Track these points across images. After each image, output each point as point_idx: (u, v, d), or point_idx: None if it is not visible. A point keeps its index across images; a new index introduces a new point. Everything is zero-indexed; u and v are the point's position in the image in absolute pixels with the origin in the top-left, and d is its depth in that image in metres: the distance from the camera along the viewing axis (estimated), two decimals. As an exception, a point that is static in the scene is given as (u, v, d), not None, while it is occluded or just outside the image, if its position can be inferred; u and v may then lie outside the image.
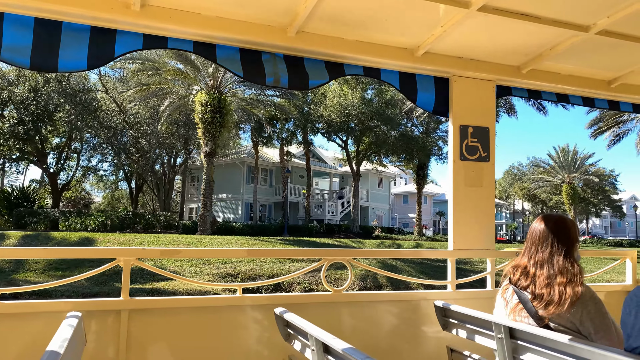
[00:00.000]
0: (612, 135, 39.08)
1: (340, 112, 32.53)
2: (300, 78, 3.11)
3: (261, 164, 38.51)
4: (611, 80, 3.84)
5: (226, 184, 38.93)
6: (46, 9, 2.50)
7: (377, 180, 48.12)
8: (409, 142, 34.56)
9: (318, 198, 42.27)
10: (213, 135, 25.00)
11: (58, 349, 1.54)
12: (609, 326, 2.07)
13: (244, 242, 21.36)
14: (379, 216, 46.99)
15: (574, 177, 47.60)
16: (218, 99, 24.94)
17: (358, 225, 35.58)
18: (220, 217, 37.91)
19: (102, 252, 3.14)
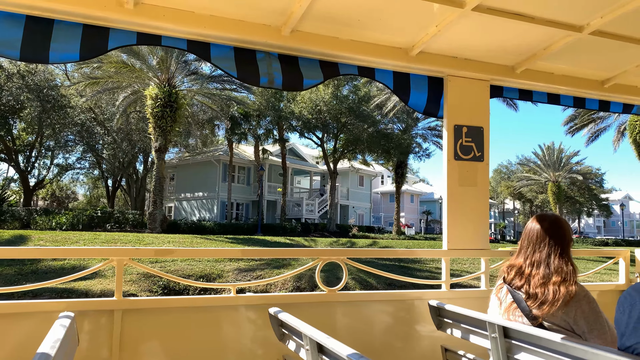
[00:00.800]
0: (590, 132, 38.95)
1: (312, 108, 32.11)
2: (295, 78, 3.09)
3: (238, 162, 38.37)
4: (604, 80, 3.86)
5: (202, 183, 38.58)
6: (38, 6, 2.48)
7: (358, 178, 47.74)
8: (385, 140, 34.29)
9: (297, 196, 41.90)
10: (163, 130, 24.25)
11: (49, 350, 1.52)
12: (602, 325, 2.08)
13: (187, 240, 20.17)
14: (359, 215, 46.61)
15: (558, 176, 47.28)
16: (169, 93, 24.21)
17: (335, 224, 35.19)
18: (196, 216, 37.57)
19: (96, 252, 3.12)
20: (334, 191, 35.55)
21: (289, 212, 38.84)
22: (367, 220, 47.11)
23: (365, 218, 47.30)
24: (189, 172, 40.25)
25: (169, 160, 41.71)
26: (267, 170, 39.47)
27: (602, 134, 39.21)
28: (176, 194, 41.04)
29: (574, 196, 52.97)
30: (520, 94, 3.83)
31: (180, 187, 40.76)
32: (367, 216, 47.74)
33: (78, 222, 25.50)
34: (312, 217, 39.04)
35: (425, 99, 3.56)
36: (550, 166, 48.29)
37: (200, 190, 38.63)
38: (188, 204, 39.91)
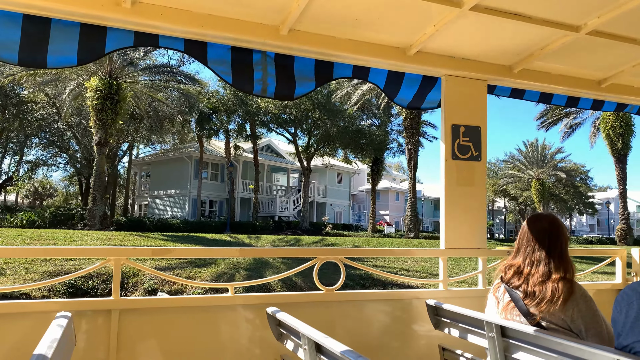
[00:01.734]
0: (566, 127, 38.80)
1: (279, 102, 31.02)
2: (287, 86, 3.12)
3: (211, 158, 37.67)
4: (601, 80, 3.87)
5: (174, 180, 37.80)
6: (35, 5, 2.47)
7: (337, 175, 46.46)
8: (358, 136, 33.50)
9: (274, 194, 40.99)
10: (104, 124, 23.26)
11: (46, 350, 1.52)
12: (599, 324, 2.09)
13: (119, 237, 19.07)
14: (337, 213, 45.40)
15: (541, 173, 46.49)
16: (109, 85, 23.24)
17: (308, 222, 34.25)
18: (169, 214, 37.14)
19: (93, 252, 3.11)
20: (307, 188, 34.80)
21: (264, 210, 38.05)
22: (345, 218, 46.09)
23: (344, 216, 46.22)
24: (162, 169, 39.59)
25: (142, 157, 41.27)
26: (242, 167, 38.82)
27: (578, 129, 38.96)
28: (150, 191, 40.33)
29: (559, 194, 52.01)
30: (511, 92, 3.84)
31: (154, 184, 40.08)
32: (346, 214, 46.70)
33: (42, 219, 24.88)
34: (287, 214, 38.12)
35: (412, 95, 3.60)
36: (533, 163, 47.54)
37: (173, 187, 37.98)
38: (161, 201, 39.22)
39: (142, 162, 41.95)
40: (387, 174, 62.29)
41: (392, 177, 63.60)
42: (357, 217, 53.61)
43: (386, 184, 58.02)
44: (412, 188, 29.91)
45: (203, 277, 11.55)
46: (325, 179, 44.57)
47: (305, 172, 35.02)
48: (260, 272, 12.35)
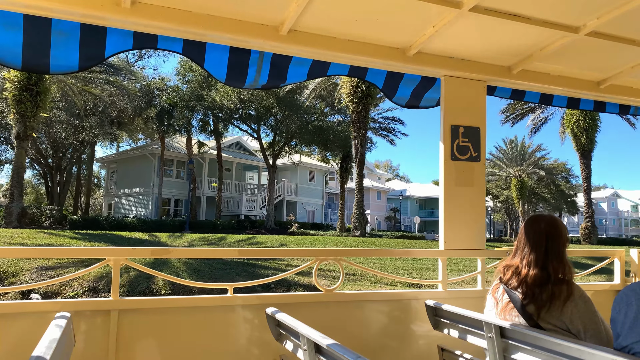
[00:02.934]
0: (533, 122, 38.19)
1: (235, 97, 29.81)
2: (277, 81, 3.17)
3: (177, 156, 36.93)
4: (600, 81, 3.88)
5: (139, 178, 36.68)
6: (35, 5, 2.47)
7: (309, 173, 44.49)
8: (321, 132, 32.33)
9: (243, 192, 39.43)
10: (23, 116, 22.21)
11: (45, 350, 1.52)
12: (598, 325, 2.09)
13: (23, 235, 18.33)
14: (309, 211, 43.86)
15: (520, 171, 45.39)
16: (28, 76, 22.11)
17: (274, 221, 33.02)
18: (134, 213, 36.17)
19: (92, 252, 3.11)
20: (272, 187, 33.71)
21: (231, 209, 36.94)
22: (318, 217, 44.34)
23: (316, 215, 44.47)
24: (127, 168, 38.66)
25: (108, 155, 40.43)
26: (209, 165, 37.74)
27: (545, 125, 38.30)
28: (116, 190, 39.53)
29: (540, 192, 50.96)
30: (512, 93, 3.85)
31: (120, 182, 39.17)
32: (318, 213, 44.90)
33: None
34: (254, 213, 37.00)
35: (410, 93, 3.61)
36: (513, 161, 46.47)
37: (138, 186, 36.90)
38: (126, 200, 38.38)
39: (110, 160, 41.08)
40: (370, 172, 61.01)
41: (376, 176, 62.81)
42: (336, 216, 51.99)
43: (366, 183, 56.71)
44: (359, 184, 28.56)
45: (87, 277, 11.09)
46: (296, 177, 43.11)
47: (271, 169, 33.88)
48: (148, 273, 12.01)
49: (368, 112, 28.54)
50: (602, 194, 79.18)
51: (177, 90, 31.11)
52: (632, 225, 77.36)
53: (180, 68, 32.66)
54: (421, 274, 14.29)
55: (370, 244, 21.84)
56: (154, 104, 30.78)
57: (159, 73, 28.71)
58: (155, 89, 30.93)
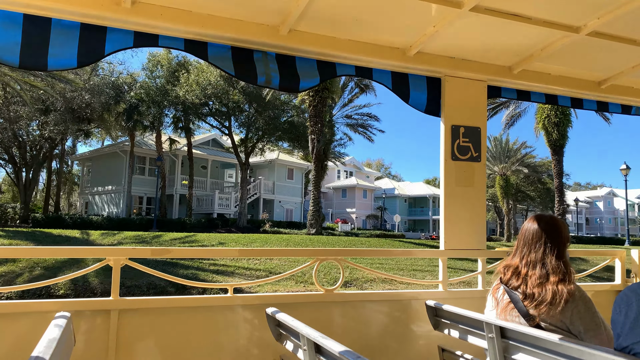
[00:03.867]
0: (507, 117, 37.55)
1: (200, 92, 28.93)
2: (291, 79, 3.09)
3: (149, 153, 36.07)
4: (601, 81, 3.87)
5: (111, 176, 36.09)
6: (35, 4, 2.47)
7: (287, 171, 43.23)
8: (295, 128, 31.23)
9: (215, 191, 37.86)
10: None
11: (45, 350, 1.52)
12: (598, 325, 2.09)
13: None
14: (287, 210, 42.83)
15: (504, 168, 44.15)
16: None
17: (246, 219, 32.09)
18: (106, 211, 35.53)
19: (93, 252, 3.11)
20: (244, 184, 32.75)
21: (204, 207, 36.09)
22: (297, 216, 43.05)
23: (295, 213, 43.27)
24: (100, 165, 38.23)
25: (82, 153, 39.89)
26: (183, 163, 36.78)
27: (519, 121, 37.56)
28: (90, 188, 38.93)
29: (525, 190, 49.74)
30: (518, 94, 3.84)
31: (94, 180, 38.63)
32: (297, 211, 43.68)
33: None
34: (228, 211, 35.95)
35: (425, 98, 3.56)
36: (497, 158, 45.26)
37: (110, 183, 36.26)
38: (100, 198, 37.70)
39: (84, 158, 40.66)
40: (358, 170, 60.77)
41: (364, 174, 62.31)
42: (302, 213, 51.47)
43: (352, 181, 56.76)
44: (315, 181, 27.42)
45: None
46: (274, 174, 42.05)
47: (244, 166, 32.97)
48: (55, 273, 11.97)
49: (325, 106, 27.35)
50: (598, 192, 78.66)
51: (145, 85, 30.33)
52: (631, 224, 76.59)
53: (148, 63, 32.01)
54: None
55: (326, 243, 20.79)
56: (123, 99, 30.14)
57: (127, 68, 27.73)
58: (123, 84, 30.19)
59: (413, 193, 62.91)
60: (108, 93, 29.43)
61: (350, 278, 13.43)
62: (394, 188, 62.74)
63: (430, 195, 60.04)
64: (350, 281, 13.27)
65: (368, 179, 62.45)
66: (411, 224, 62.41)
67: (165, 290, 11.46)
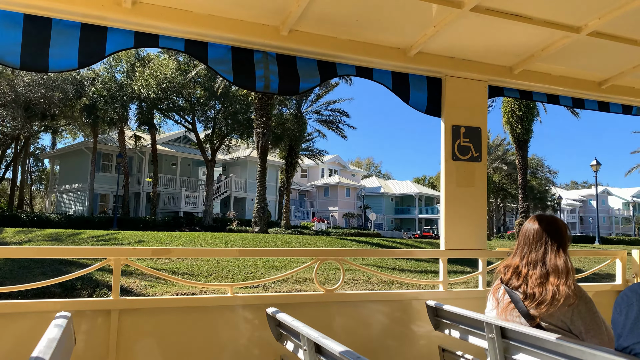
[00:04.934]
0: None
1: (157, 87, 27.92)
2: (291, 81, 3.08)
3: (116, 150, 35.00)
4: (602, 81, 3.87)
5: (76, 173, 35.83)
6: (36, 5, 2.47)
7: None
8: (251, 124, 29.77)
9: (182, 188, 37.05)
10: None
11: (45, 350, 1.52)
12: (599, 325, 2.09)
13: None
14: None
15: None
16: None
17: (212, 218, 31.15)
18: (72, 209, 35.37)
19: (93, 252, 3.11)
20: (210, 182, 31.78)
21: (172, 205, 35.38)
22: (271, 214, 40.82)
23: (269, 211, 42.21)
24: (68, 163, 38.01)
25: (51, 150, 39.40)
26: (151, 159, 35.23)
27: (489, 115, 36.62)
28: (58, 186, 38.65)
29: (507, 188, 48.91)
30: (520, 94, 3.84)
31: (62, 178, 38.36)
32: (271, 209, 41.68)
33: None
34: (196, 210, 35.18)
35: (426, 99, 3.55)
36: None
37: (77, 181, 35.89)
38: (67, 196, 37.43)
39: (53, 155, 40.30)
40: (343, 169, 60.02)
41: (350, 173, 61.73)
42: (300, 213, 50.23)
43: (334, 179, 56.08)
44: (261, 177, 26.31)
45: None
46: (246, 172, 41.05)
47: (209, 163, 31.95)
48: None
49: (271, 98, 26.14)
50: (592, 191, 76.72)
51: (104, 80, 29.53)
52: (624, 223, 75.66)
53: (109, 57, 31.43)
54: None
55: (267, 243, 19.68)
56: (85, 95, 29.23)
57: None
58: (84, 79, 29.27)
59: (399, 192, 61.93)
60: (65, 88, 28.40)
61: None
62: (380, 187, 61.81)
63: (417, 194, 59.09)
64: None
65: (354, 178, 61.69)
66: (398, 222, 61.45)
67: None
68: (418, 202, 59.61)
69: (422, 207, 59.68)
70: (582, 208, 76.21)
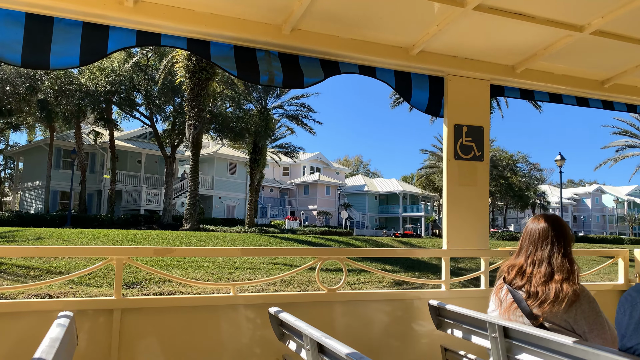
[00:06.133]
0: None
1: (104, 79, 26.94)
2: (295, 76, 3.08)
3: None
4: (604, 80, 3.86)
5: (37, 170, 34.92)
6: (38, 3, 2.47)
7: (229, 166, 41.19)
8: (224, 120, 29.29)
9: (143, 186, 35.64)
10: None
11: (48, 350, 1.52)
12: (602, 325, 2.08)
13: None
14: (229, 206, 40.77)
15: None
16: None
17: (171, 216, 29.81)
18: (33, 208, 34.79)
19: (95, 251, 3.11)
20: (170, 178, 30.52)
21: (133, 203, 34.38)
22: (240, 212, 40.70)
23: (238, 210, 40.92)
24: (31, 160, 37.11)
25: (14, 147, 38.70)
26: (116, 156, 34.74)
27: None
28: (22, 183, 37.97)
29: None
30: (522, 93, 3.83)
31: (25, 176, 37.66)
32: (240, 208, 41.27)
33: None
34: (158, 208, 33.89)
35: (427, 98, 3.55)
36: None
37: (38, 179, 35.05)
38: (29, 194, 36.75)
39: (17, 153, 39.98)
40: (326, 167, 59.24)
41: (333, 170, 61.02)
42: (278, 212, 49.34)
43: (314, 177, 55.29)
44: (193, 171, 25.25)
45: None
46: (213, 169, 40.08)
47: (168, 160, 30.77)
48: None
49: (205, 89, 24.67)
50: (586, 189, 76.26)
51: (56, 73, 28.09)
52: (618, 222, 73.79)
53: None
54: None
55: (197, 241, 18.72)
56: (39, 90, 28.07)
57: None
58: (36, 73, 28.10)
59: (384, 190, 60.76)
60: (15, 83, 27.31)
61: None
62: (364, 185, 60.73)
63: (400, 192, 58.05)
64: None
65: (338, 176, 60.86)
66: (383, 221, 60.39)
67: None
68: (402, 200, 58.70)
69: (407, 205, 58.78)
70: (575, 207, 74.81)
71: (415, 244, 26.77)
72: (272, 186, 55.74)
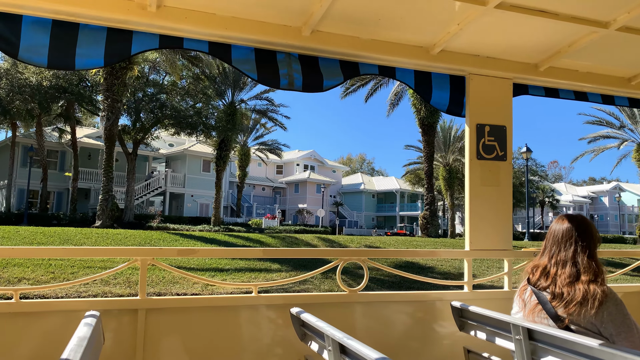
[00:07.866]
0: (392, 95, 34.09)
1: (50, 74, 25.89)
2: (315, 79, 3.09)
3: (47, 145, 33.42)
4: (631, 77, 3.78)
5: (3, 169, 34.28)
6: (63, 11, 2.53)
7: (202, 163, 39.95)
8: (185, 115, 28.02)
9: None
10: None
11: (77, 349, 1.55)
12: (630, 327, 2.04)
13: None
14: (202, 205, 39.65)
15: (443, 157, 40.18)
16: None
17: (133, 214, 28.61)
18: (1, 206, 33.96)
19: (119, 252, 3.16)
20: (131, 176, 29.05)
21: (93, 201, 33.49)
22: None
23: (211, 208, 38.66)
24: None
25: None
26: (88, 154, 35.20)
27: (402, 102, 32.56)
28: None
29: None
30: (546, 91, 3.77)
31: None
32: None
33: None
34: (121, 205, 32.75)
35: (448, 97, 3.52)
36: (439, 147, 40.44)
37: (3, 178, 34.25)
38: None
39: None
40: (321, 165, 58.25)
41: (329, 169, 59.98)
42: (266, 210, 48.09)
43: (304, 175, 54.30)
44: (106, 166, 24.11)
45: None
46: (185, 166, 39.05)
47: (129, 157, 29.54)
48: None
49: (122, 79, 23.28)
50: (604, 187, 72.65)
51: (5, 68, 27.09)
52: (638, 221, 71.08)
53: None
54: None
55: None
56: None
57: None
58: None
59: (382, 188, 59.49)
60: None
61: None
62: (361, 183, 59.44)
63: (398, 190, 56.75)
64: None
65: (334, 174, 59.88)
66: (380, 220, 59.31)
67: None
68: (400, 198, 57.43)
69: (405, 203, 57.57)
70: (592, 205, 71.35)
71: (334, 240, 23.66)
72: (263, 185, 55.10)
